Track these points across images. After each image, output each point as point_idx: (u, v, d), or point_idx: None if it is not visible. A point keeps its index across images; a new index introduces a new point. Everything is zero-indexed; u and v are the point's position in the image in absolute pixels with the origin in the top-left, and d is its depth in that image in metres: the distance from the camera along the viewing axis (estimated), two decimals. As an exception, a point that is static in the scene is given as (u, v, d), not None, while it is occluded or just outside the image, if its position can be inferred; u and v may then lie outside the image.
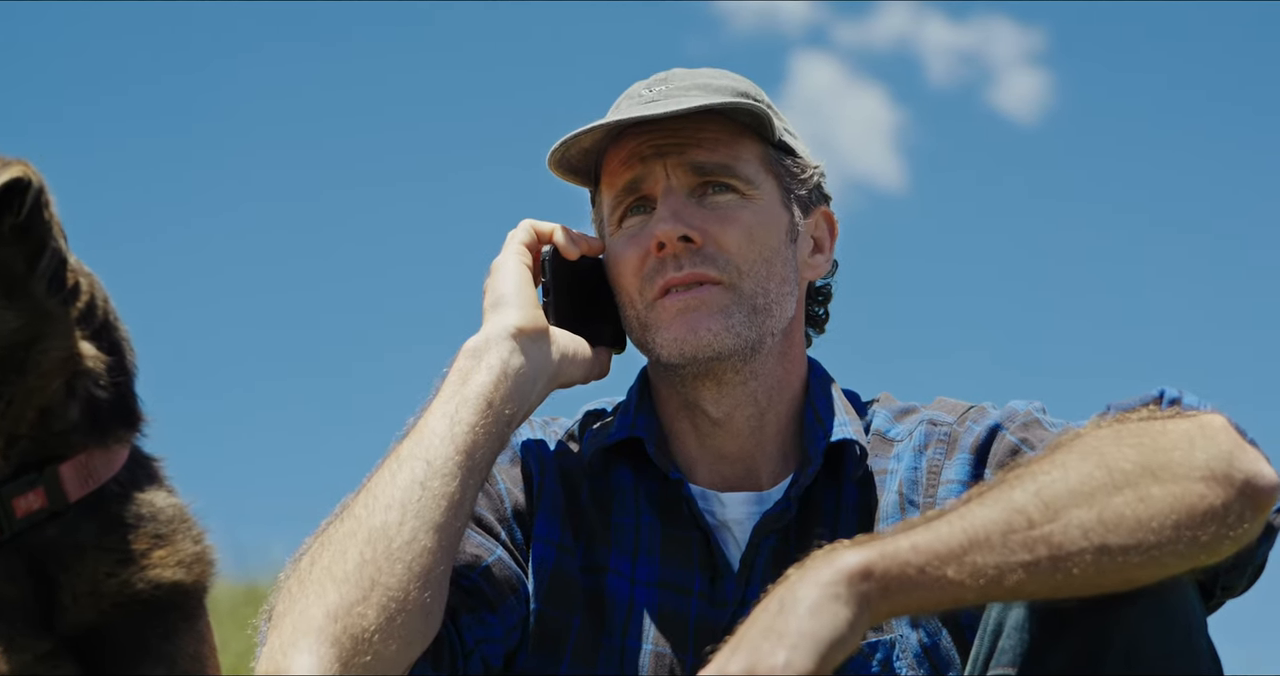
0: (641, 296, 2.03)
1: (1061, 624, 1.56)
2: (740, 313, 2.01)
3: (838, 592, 1.49)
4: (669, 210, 2.01)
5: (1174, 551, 1.51)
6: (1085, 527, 1.49)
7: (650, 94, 2.08)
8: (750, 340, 2.01)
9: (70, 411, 1.81)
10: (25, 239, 1.77)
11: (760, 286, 2.02)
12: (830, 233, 2.16)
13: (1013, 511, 1.49)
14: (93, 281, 1.86)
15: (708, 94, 2.05)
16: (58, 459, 1.81)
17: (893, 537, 1.52)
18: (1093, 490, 1.51)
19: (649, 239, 2.02)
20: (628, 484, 2.06)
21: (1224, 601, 1.73)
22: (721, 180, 2.03)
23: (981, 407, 2.07)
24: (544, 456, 2.08)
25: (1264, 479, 1.59)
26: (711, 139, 2.04)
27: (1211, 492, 1.54)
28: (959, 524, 1.49)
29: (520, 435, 2.10)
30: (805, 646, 1.46)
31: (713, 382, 2.03)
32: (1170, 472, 1.54)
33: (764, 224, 2.04)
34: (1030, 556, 1.47)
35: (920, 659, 1.93)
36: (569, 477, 2.07)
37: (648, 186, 2.04)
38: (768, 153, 2.08)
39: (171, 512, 1.89)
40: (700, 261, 2.01)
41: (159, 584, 1.84)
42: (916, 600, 1.50)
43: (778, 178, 2.08)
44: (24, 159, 1.77)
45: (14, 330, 1.76)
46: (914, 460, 2.03)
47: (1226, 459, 1.57)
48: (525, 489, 2.04)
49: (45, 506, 1.79)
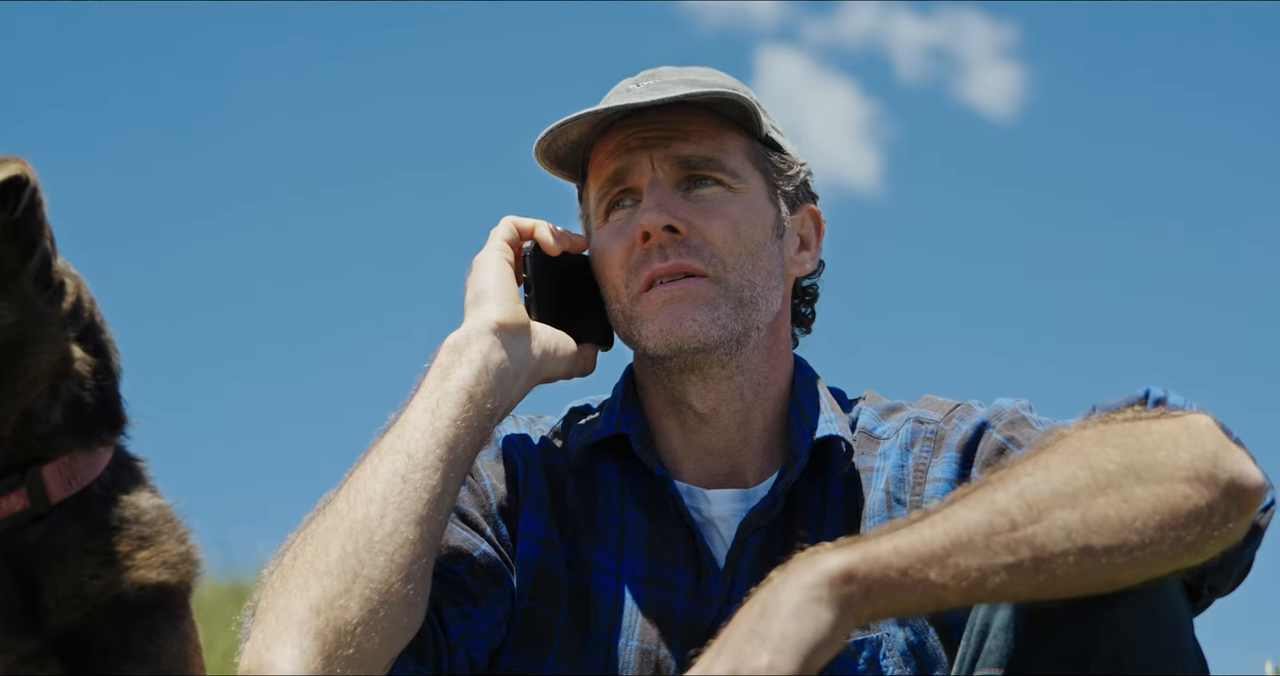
0: (627, 289, 2.04)
1: (1048, 625, 1.56)
2: (726, 305, 2.01)
3: (820, 595, 1.49)
4: (654, 201, 2.02)
5: (1158, 552, 1.51)
6: (1068, 529, 1.49)
7: (638, 88, 2.08)
8: (735, 332, 2.01)
9: (54, 414, 1.81)
10: (18, 236, 1.77)
11: (746, 279, 2.03)
12: (817, 230, 2.17)
13: (995, 513, 1.49)
14: (78, 282, 1.86)
15: (695, 89, 2.05)
16: (40, 461, 1.80)
17: (875, 540, 1.52)
18: (1076, 491, 1.51)
19: (634, 230, 2.03)
20: (613, 481, 2.06)
21: (1211, 601, 1.73)
22: (707, 174, 2.04)
23: (968, 406, 2.07)
24: (529, 453, 2.08)
25: (1249, 479, 1.59)
26: (698, 132, 2.05)
27: (1196, 493, 1.54)
28: (941, 525, 1.49)
29: (504, 431, 2.10)
30: (788, 649, 1.46)
31: (698, 376, 2.03)
32: (1154, 473, 1.54)
33: (749, 218, 2.05)
34: (1013, 558, 1.47)
35: (907, 657, 1.93)
36: (554, 474, 2.07)
37: (633, 178, 2.05)
38: (754, 147, 2.09)
39: (155, 513, 1.89)
40: (685, 253, 2.01)
41: (143, 585, 1.83)
42: (899, 602, 1.50)
43: (764, 173, 2.09)
44: (20, 157, 1.77)
45: (9, 326, 1.75)
46: (901, 458, 2.04)
47: (1211, 459, 1.57)
48: (510, 485, 2.04)
49: (28, 508, 1.78)
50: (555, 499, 2.05)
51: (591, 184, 2.11)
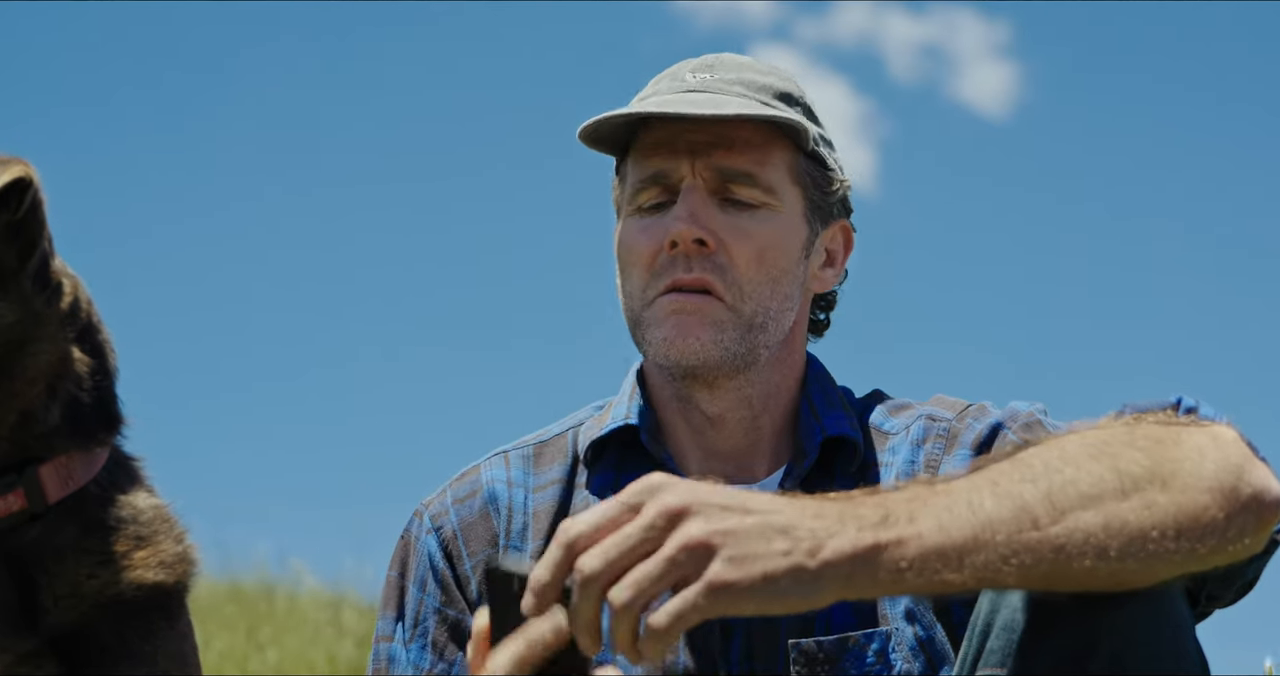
0: (644, 293, 2.02)
1: (1049, 624, 1.55)
2: (734, 330, 1.99)
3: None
4: (687, 210, 1.99)
5: (1170, 561, 1.49)
6: (1088, 532, 1.46)
7: (694, 80, 2.05)
8: (739, 355, 2.00)
9: (52, 414, 1.81)
10: (18, 237, 1.77)
11: (761, 306, 2.01)
12: (845, 246, 2.14)
13: (1021, 510, 1.45)
14: (76, 282, 1.86)
15: (750, 93, 2.03)
16: (37, 461, 1.80)
17: (897, 523, 1.45)
18: (1101, 493, 1.48)
19: (663, 234, 2.00)
20: (609, 483, 2.05)
21: (1210, 611, 1.72)
22: (744, 190, 2.01)
23: (982, 406, 2.06)
24: (513, 509, 2.07)
25: (1271, 494, 1.57)
26: (744, 141, 2.01)
27: (1216, 505, 1.52)
28: (967, 517, 1.45)
29: (495, 481, 2.08)
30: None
31: (704, 385, 2.03)
32: (1179, 482, 1.51)
33: (777, 243, 2.02)
34: (1031, 559, 1.44)
35: (916, 651, 1.93)
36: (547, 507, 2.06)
37: (673, 180, 2.02)
38: (799, 162, 2.05)
39: (153, 513, 1.89)
40: (710, 268, 1.99)
41: (140, 585, 1.83)
42: (903, 588, 1.46)
43: (803, 188, 2.06)
44: (22, 158, 1.77)
45: (9, 326, 1.76)
46: (911, 454, 2.03)
47: (1235, 472, 1.55)
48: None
49: (25, 508, 1.78)
50: (553, 529, 2.03)
51: (631, 166, 2.07)
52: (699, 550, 1.37)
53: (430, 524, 2.08)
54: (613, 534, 1.38)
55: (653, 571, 1.36)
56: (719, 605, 1.37)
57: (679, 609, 1.36)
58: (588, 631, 1.38)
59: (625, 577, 1.37)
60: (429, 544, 2.06)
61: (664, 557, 1.36)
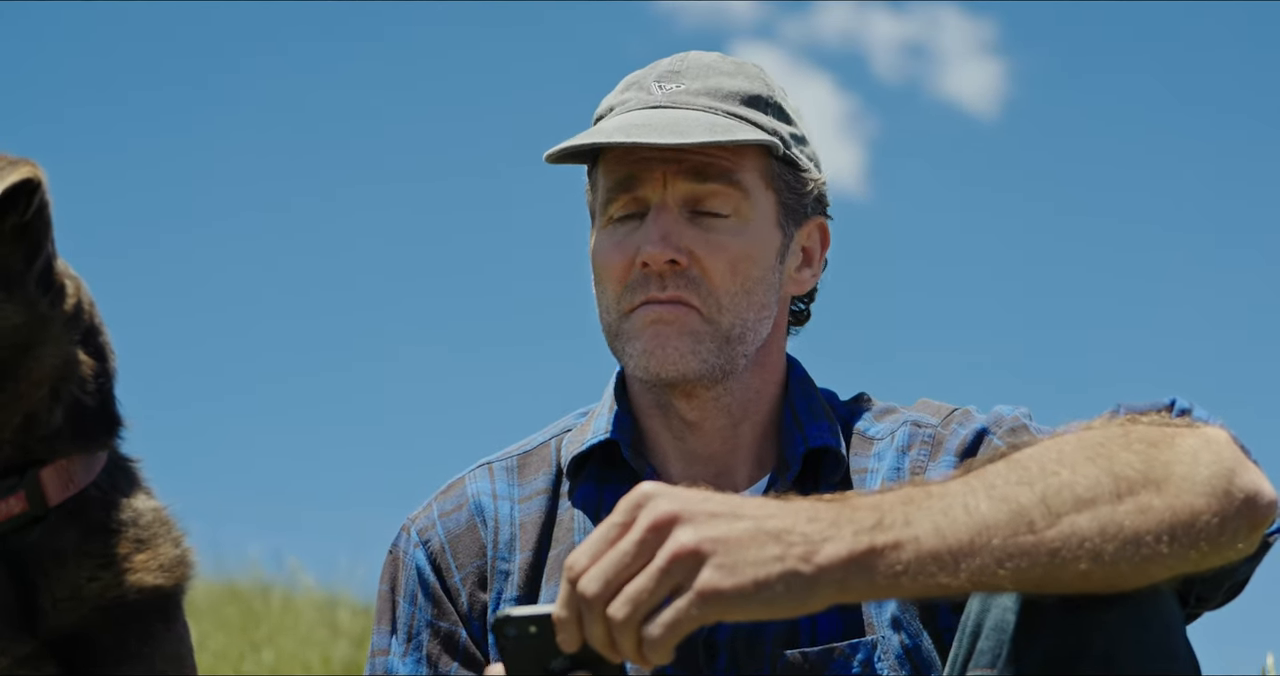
0: (618, 306, 2.02)
1: (1040, 625, 1.55)
2: (711, 342, 1.98)
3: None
4: (659, 232, 1.97)
5: (1164, 564, 1.50)
6: (1083, 536, 1.47)
7: (660, 94, 2.03)
8: (717, 366, 1.99)
9: (55, 416, 1.81)
10: (25, 238, 1.77)
11: (738, 319, 2.00)
12: (822, 243, 2.12)
13: (1017, 514, 1.46)
14: (78, 284, 1.86)
15: (717, 103, 2.01)
16: (39, 463, 1.80)
17: (893, 527, 1.45)
18: (1096, 497, 1.49)
19: (635, 251, 1.99)
20: (590, 499, 2.05)
21: (1199, 613, 1.72)
22: (715, 201, 1.99)
23: (967, 411, 2.06)
24: (499, 526, 2.06)
25: (1263, 497, 1.57)
26: (712, 156, 1.98)
27: (1209, 508, 1.52)
28: (963, 520, 1.45)
29: (480, 493, 2.08)
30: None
31: (682, 394, 2.02)
32: (1173, 485, 1.52)
33: (751, 255, 2.00)
34: (1027, 562, 1.45)
35: (902, 660, 1.93)
36: (532, 523, 2.06)
37: (643, 189, 2.00)
38: (770, 167, 2.03)
39: (152, 516, 1.89)
40: (684, 285, 1.98)
41: (140, 588, 1.84)
42: (896, 591, 1.46)
43: (776, 192, 2.04)
44: (30, 159, 1.78)
45: (15, 328, 1.76)
46: (896, 460, 2.02)
47: (1228, 475, 1.55)
48: (476, 579, 2.04)
49: (26, 510, 1.79)
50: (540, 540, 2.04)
51: (602, 173, 2.05)
52: (689, 559, 1.39)
53: (418, 538, 2.08)
54: (608, 553, 1.41)
55: (646, 584, 1.39)
56: (711, 612, 1.38)
57: (672, 618, 1.39)
58: (606, 649, 1.41)
59: (621, 593, 1.39)
60: (417, 558, 2.06)
61: (655, 569, 1.39)
